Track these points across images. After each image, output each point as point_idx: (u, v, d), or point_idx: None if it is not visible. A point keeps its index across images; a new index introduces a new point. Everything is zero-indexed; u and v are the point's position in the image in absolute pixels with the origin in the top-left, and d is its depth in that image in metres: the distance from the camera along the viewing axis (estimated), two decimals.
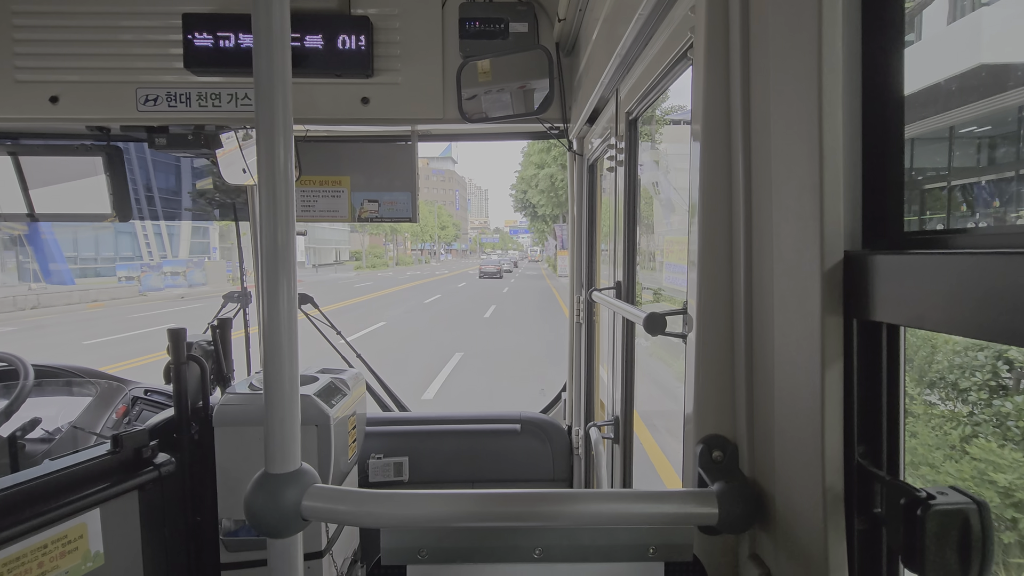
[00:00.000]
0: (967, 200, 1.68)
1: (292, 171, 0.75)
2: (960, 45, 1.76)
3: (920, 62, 1.67)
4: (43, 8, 1.90)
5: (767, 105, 0.68)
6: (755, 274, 0.73)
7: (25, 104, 1.94)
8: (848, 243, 0.58)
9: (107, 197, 2.15)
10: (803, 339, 0.61)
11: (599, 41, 1.51)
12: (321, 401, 1.85)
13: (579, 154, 2.25)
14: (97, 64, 1.93)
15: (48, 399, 2.13)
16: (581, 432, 2.34)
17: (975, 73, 1.69)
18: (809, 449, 0.61)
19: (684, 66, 1.02)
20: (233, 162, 2.22)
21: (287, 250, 0.74)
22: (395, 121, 2.05)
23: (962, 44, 1.76)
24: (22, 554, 1.32)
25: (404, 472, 2.36)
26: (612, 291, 1.62)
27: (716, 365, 0.79)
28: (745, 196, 0.74)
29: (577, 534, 0.73)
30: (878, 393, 0.59)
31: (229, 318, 2.13)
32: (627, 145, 1.46)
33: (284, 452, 0.75)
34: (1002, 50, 1.67)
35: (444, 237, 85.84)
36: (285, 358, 0.74)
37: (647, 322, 0.95)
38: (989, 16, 1.84)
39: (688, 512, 0.70)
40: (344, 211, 2.21)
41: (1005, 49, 1.67)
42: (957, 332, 0.45)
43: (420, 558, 0.74)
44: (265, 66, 0.72)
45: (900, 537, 0.50)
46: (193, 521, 1.85)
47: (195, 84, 1.94)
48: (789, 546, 0.67)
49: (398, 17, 1.97)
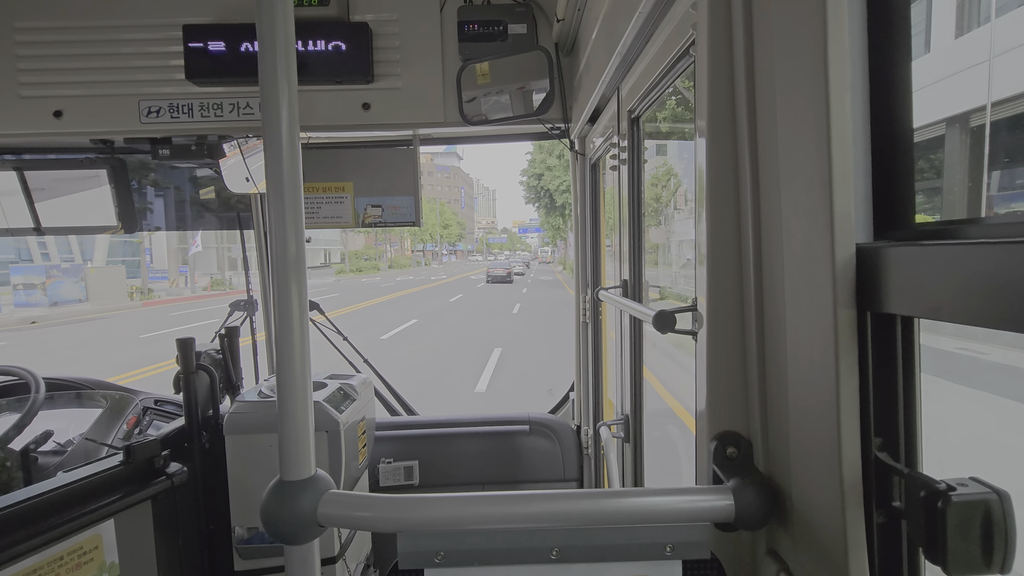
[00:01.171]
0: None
1: (300, 178, 0.75)
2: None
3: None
4: (46, 24, 1.92)
5: (773, 99, 0.68)
6: (765, 269, 0.72)
7: (29, 119, 1.95)
8: (859, 236, 0.58)
9: (112, 209, 2.17)
10: (816, 333, 0.61)
11: (599, 40, 1.51)
12: (330, 407, 1.85)
13: (581, 154, 2.25)
14: (100, 78, 1.94)
15: (59, 411, 2.14)
16: (590, 431, 2.34)
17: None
18: (825, 443, 0.61)
19: (686, 63, 1.02)
20: (236, 171, 2.23)
21: (297, 258, 0.74)
22: (396, 126, 2.05)
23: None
24: (39, 566, 1.33)
25: (415, 476, 2.36)
26: (619, 290, 1.62)
27: (728, 362, 0.79)
28: (753, 191, 0.74)
29: (594, 534, 0.73)
30: (894, 385, 0.58)
31: (236, 326, 2.14)
32: (630, 143, 1.46)
33: (299, 459, 0.75)
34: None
35: (447, 237, 79.53)
36: (297, 366, 0.75)
37: (656, 320, 0.95)
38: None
39: (704, 509, 0.70)
40: (348, 217, 2.21)
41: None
42: (973, 322, 0.45)
43: (437, 561, 0.74)
44: (270, 75, 0.72)
45: (921, 530, 0.50)
46: (206, 530, 1.85)
47: (197, 94, 1.95)
48: (807, 541, 0.66)
49: (397, 22, 1.97)
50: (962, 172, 1.67)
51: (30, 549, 1.31)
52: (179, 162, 2.10)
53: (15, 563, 1.28)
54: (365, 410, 2.13)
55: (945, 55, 1.75)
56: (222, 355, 2.03)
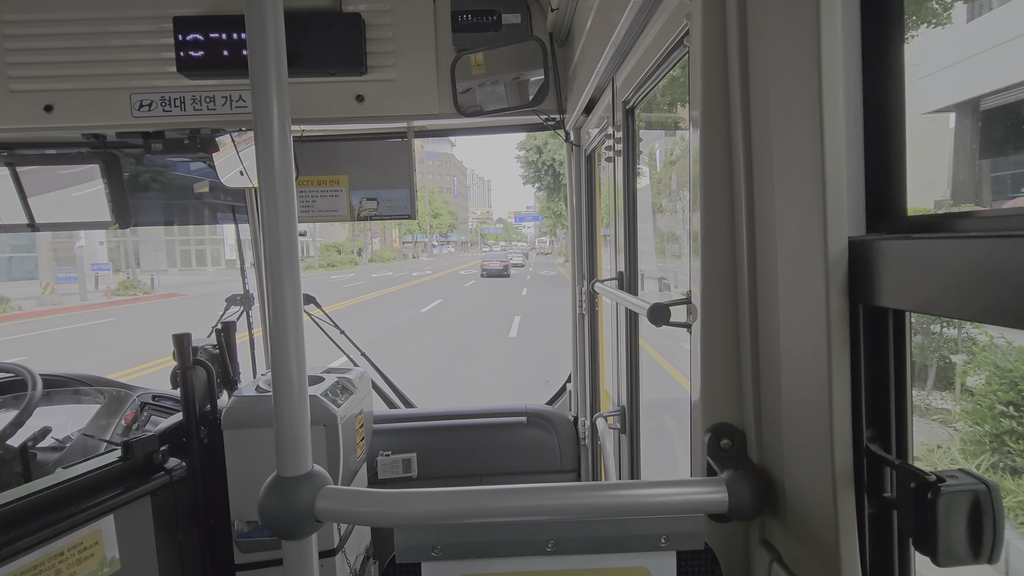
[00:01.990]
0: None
1: (292, 172, 0.75)
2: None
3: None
4: (34, 16, 1.89)
5: (766, 90, 0.68)
6: (759, 262, 0.73)
7: (19, 114, 1.93)
8: (852, 229, 0.58)
9: (106, 204, 2.15)
10: (809, 326, 0.61)
11: (593, 30, 1.49)
12: (328, 401, 1.86)
13: (576, 144, 2.24)
14: (90, 71, 1.92)
15: (57, 408, 2.14)
16: (587, 423, 2.35)
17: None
18: (817, 435, 0.61)
19: (680, 53, 1.01)
20: (230, 165, 2.21)
21: (290, 252, 0.74)
22: (390, 118, 2.04)
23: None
24: (39, 562, 1.33)
25: (413, 468, 2.37)
26: (614, 282, 1.62)
27: (722, 354, 0.79)
28: (746, 183, 0.73)
29: (589, 526, 0.74)
30: (885, 378, 0.59)
31: (233, 321, 2.14)
32: (624, 134, 1.45)
33: (296, 455, 0.75)
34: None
35: (437, 227, 72.96)
36: (293, 361, 0.75)
37: (651, 312, 0.95)
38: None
39: (698, 500, 0.70)
40: (343, 210, 2.20)
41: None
42: (964, 316, 0.45)
43: (434, 555, 0.75)
44: (260, 67, 0.71)
45: (911, 521, 0.50)
46: (206, 524, 1.86)
47: (189, 88, 1.93)
48: (799, 531, 0.67)
49: (389, 13, 1.95)
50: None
51: (31, 545, 1.32)
52: (172, 156, 2.09)
53: (16, 559, 1.29)
54: (363, 403, 2.13)
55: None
56: (219, 350, 2.03)
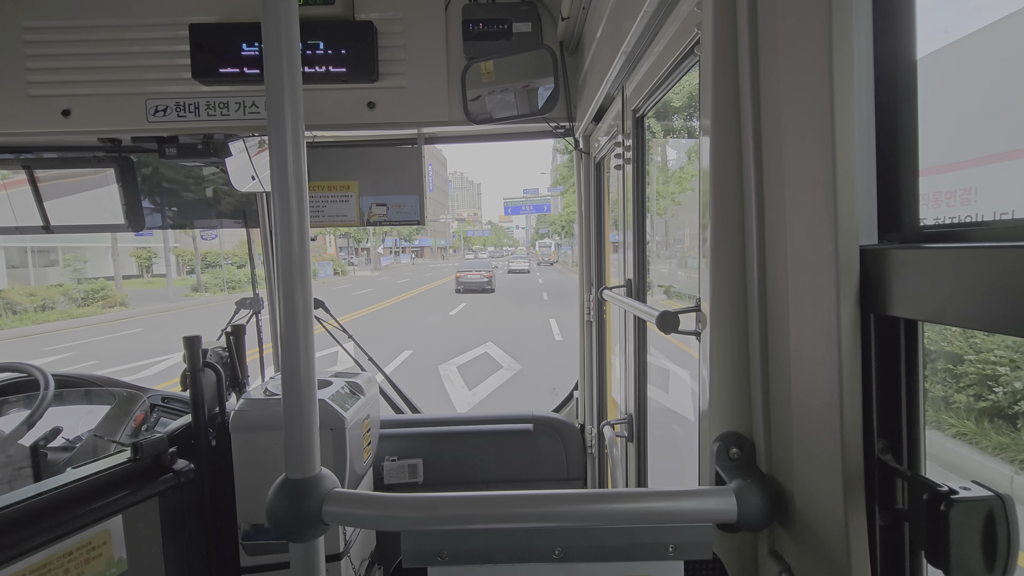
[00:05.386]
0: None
1: (305, 177, 0.75)
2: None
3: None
4: (54, 24, 1.93)
5: (777, 99, 0.68)
6: (769, 270, 0.72)
7: (38, 118, 1.97)
8: (864, 237, 0.57)
9: (120, 207, 2.19)
10: (819, 335, 0.61)
11: (604, 39, 1.50)
12: (335, 405, 1.86)
13: (586, 152, 2.25)
14: (107, 77, 1.96)
15: (68, 408, 2.16)
16: (594, 431, 2.34)
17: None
18: (828, 445, 0.61)
19: (691, 62, 1.01)
20: (242, 170, 2.24)
21: (302, 256, 0.75)
22: (401, 124, 2.05)
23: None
24: (48, 561, 1.34)
25: (419, 474, 2.37)
26: (623, 289, 1.61)
27: (731, 362, 0.79)
28: (757, 191, 0.73)
29: (597, 534, 0.74)
30: (897, 388, 0.58)
31: (243, 324, 2.16)
32: (634, 142, 1.45)
33: (304, 458, 0.75)
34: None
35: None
36: (302, 365, 0.75)
37: (660, 320, 0.95)
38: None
39: (707, 510, 0.70)
40: (353, 216, 2.22)
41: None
42: (977, 326, 0.45)
43: (441, 560, 0.75)
44: (275, 74, 0.72)
45: (923, 533, 0.50)
46: (213, 526, 1.87)
47: (203, 94, 1.96)
48: (809, 543, 0.66)
49: (401, 21, 1.98)
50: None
51: (39, 544, 1.33)
52: (186, 161, 2.12)
53: (25, 558, 1.30)
54: (370, 408, 2.13)
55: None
56: (228, 353, 2.05)
